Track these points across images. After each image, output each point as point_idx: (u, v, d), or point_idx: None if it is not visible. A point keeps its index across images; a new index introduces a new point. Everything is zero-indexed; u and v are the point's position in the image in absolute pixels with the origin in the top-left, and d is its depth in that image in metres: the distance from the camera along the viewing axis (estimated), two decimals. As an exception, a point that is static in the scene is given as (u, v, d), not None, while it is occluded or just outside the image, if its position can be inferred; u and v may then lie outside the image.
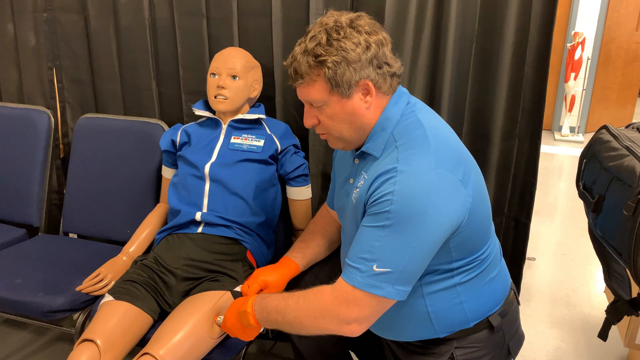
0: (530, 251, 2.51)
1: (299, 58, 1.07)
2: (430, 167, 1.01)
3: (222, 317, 1.28)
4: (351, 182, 1.19)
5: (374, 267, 1.00)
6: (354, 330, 1.05)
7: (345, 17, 1.07)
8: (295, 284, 1.39)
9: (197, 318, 1.28)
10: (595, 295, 2.43)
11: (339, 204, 1.27)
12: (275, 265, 1.35)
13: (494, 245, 1.21)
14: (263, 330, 1.24)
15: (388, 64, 1.09)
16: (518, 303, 1.28)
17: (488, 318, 1.17)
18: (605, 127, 1.22)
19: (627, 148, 1.09)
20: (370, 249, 1.01)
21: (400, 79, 1.14)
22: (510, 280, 1.27)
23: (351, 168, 1.21)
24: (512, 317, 1.22)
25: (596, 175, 1.14)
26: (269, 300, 1.15)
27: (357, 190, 1.11)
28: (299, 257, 1.37)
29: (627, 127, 1.26)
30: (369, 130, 1.12)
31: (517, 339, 1.25)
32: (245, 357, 1.43)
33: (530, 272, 2.61)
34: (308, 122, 1.14)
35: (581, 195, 1.21)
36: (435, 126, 1.10)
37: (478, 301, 1.15)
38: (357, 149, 1.18)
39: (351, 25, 1.06)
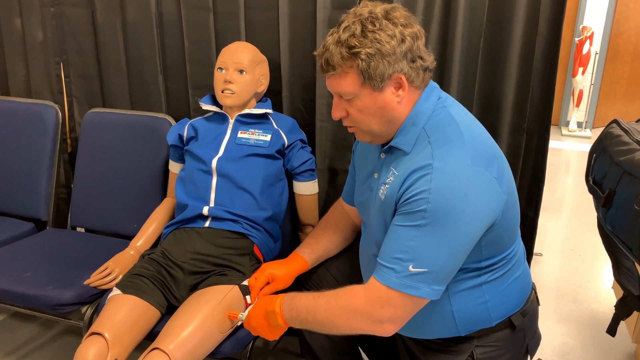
0: (537, 247, 2.50)
1: (331, 48, 1.03)
2: (467, 164, 0.99)
3: (244, 314, 1.26)
4: (375, 177, 1.16)
5: (410, 267, 0.99)
6: (388, 330, 1.04)
7: (380, 7, 1.04)
8: (307, 277, 1.39)
9: (206, 312, 1.29)
10: (603, 291, 2.42)
11: (361, 199, 1.24)
12: (283, 260, 1.35)
13: (520, 243, 1.19)
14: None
15: (422, 58, 1.06)
16: (538, 303, 1.26)
17: (510, 317, 1.15)
18: (615, 121, 1.20)
19: (638, 142, 1.08)
20: (405, 249, 0.99)
21: (432, 73, 1.11)
22: (531, 279, 1.25)
23: (376, 162, 1.17)
24: (532, 316, 1.21)
25: (606, 170, 1.13)
26: (299, 299, 1.13)
27: (387, 186, 1.08)
28: (307, 253, 1.36)
29: (637, 121, 1.25)
30: (399, 124, 1.09)
31: (536, 338, 1.24)
32: (252, 350, 1.43)
33: (537, 268, 2.60)
34: (336, 114, 1.10)
35: (591, 190, 1.20)
36: (467, 122, 1.07)
37: (502, 300, 1.14)
38: (383, 144, 1.15)
39: (386, 17, 1.02)
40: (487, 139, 1.08)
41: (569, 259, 2.73)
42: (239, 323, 1.31)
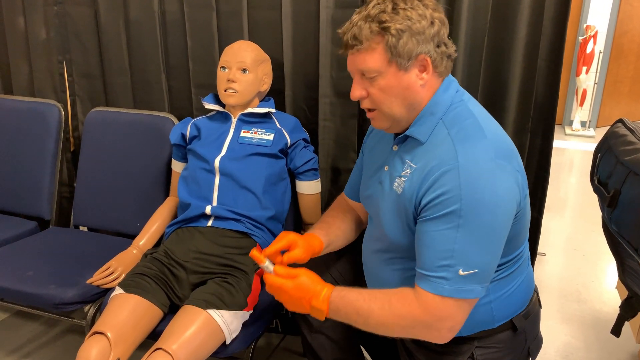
0: (540, 246, 2.48)
1: (359, 24, 1.02)
2: (491, 158, 0.98)
3: (269, 265, 1.11)
4: (386, 169, 1.14)
5: (460, 271, 0.97)
6: (447, 337, 1.02)
7: None
8: None
9: (208, 313, 1.29)
10: (606, 291, 2.41)
11: (368, 192, 1.22)
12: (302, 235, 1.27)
13: (527, 245, 1.19)
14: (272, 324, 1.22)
15: (446, 45, 1.06)
16: (540, 305, 1.25)
17: (512, 319, 1.14)
18: (620, 120, 1.20)
19: (644, 142, 1.07)
20: (449, 254, 0.97)
21: (452, 63, 1.11)
22: (534, 282, 1.25)
23: (387, 155, 1.16)
24: (534, 319, 1.20)
25: (612, 170, 1.13)
26: (348, 300, 1.07)
27: (403, 179, 1.07)
28: (322, 235, 1.28)
29: (642, 120, 1.24)
30: (419, 110, 1.08)
31: (537, 341, 1.23)
32: (255, 350, 1.43)
33: (540, 268, 2.59)
34: (356, 93, 1.07)
35: (596, 190, 1.20)
36: (484, 117, 1.08)
37: (506, 302, 1.13)
38: (396, 135, 1.14)
39: None
40: (504, 134, 1.08)
41: (573, 258, 2.72)
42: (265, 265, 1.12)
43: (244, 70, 1.57)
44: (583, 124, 5.36)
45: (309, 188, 1.67)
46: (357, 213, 1.41)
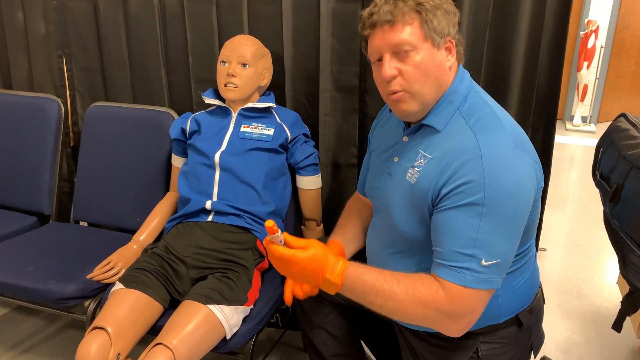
0: (541, 242, 2.48)
1: (391, 2, 1.02)
2: (511, 148, 0.99)
3: (281, 235, 1.03)
4: (396, 160, 1.14)
5: (483, 261, 0.96)
6: (462, 331, 1.01)
7: None
8: None
9: (209, 308, 1.28)
10: (607, 286, 2.41)
11: (375, 184, 1.21)
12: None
13: (534, 241, 1.19)
14: (272, 318, 1.22)
15: (459, 33, 1.10)
16: (543, 302, 1.25)
17: (517, 315, 1.14)
18: (623, 115, 1.19)
19: (646, 136, 1.07)
20: (472, 243, 0.96)
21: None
22: (539, 278, 1.24)
23: (397, 146, 1.16)
24: (538, 314, 1.20)
25: (614, 164, 1.12)
26: (367, 278, 1.01)
27: (417, 169, 1.06)
28: (341, 238, 1.30)
29: (645, 115, 1.23)
30: (441, 95, 1.07)
31: (540, 337, 1.23)
32: (255, 345, 1.43)
33: (541, 263, 2.59)
34: (390, 72, 1.03)
35: (598, 185, 1.19)
36: (498, 108, 1.09)
37: (513, 297, 1.12)
38: (407, 127, 1.14)
39: None
40: (517, 125, 1.08)
41: (573, 254, 2.72)
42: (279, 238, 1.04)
43: (244, 65, 1.56)
44: (584, 119, 5.35)
45: (310, 183, 1.66)
46: (371, 210, 1.39)
